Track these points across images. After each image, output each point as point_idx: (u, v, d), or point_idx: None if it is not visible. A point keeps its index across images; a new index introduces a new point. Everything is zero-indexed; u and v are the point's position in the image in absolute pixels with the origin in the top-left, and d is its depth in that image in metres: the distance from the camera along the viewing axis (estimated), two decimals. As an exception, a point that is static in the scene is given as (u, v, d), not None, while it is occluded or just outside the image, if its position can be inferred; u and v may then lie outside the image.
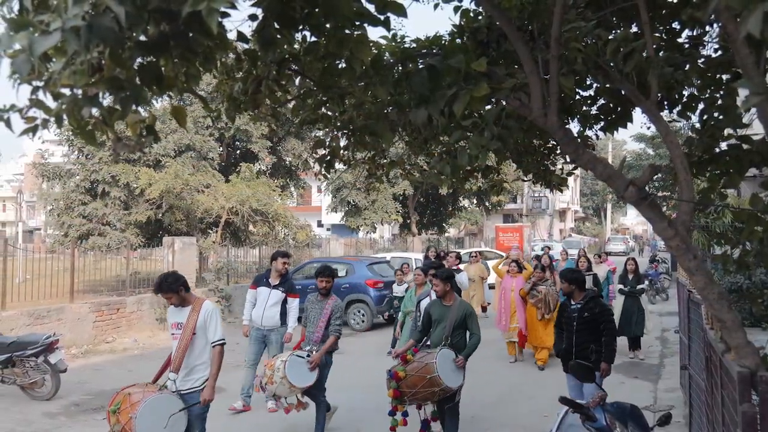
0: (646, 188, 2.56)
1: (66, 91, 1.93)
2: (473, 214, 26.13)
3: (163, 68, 1.87)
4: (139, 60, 1.79)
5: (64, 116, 1.96)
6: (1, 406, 6.84)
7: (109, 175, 15.65)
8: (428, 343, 5.04)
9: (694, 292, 5.60)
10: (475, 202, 24.45)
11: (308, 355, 5.14)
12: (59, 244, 15.08)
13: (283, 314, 6.64)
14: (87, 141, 2.11)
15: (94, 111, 1.85)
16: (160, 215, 15.63)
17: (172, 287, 4.06)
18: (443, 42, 3.26)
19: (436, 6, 3.19)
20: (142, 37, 1.72)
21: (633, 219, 66.36)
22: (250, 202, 14.87)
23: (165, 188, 14.23)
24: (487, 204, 23.63)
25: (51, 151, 18.94)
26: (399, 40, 3.29)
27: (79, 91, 1.81)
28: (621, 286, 9.61)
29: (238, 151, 18.75)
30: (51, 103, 1.99)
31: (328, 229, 34.51)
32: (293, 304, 6.70)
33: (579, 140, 3.16)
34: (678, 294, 7.85)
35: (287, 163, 19.45)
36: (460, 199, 24.00)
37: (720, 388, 3.30)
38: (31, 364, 6.99)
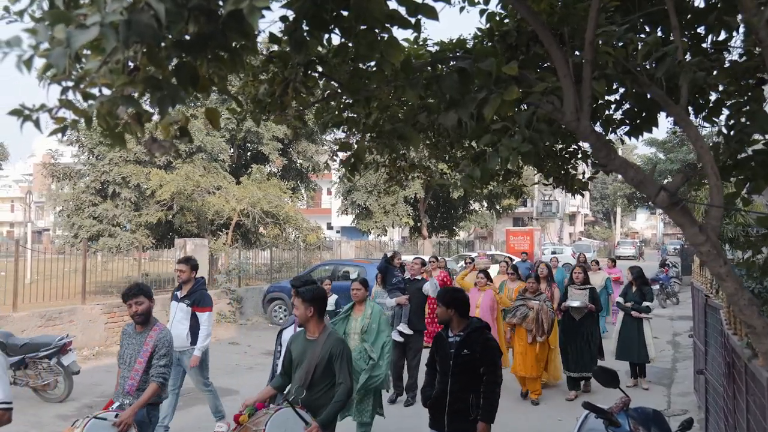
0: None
1: (95, 91, 1.93)
2: (483, 217, 26.11)
3: (198, 70, 1.86)
4: (174, 60, 1.78)
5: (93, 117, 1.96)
6: (14, 407, 6.85)
7: (120, 177, 15.73)
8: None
9: (711, 297, 5.57)
10: (485, 205, 24.43)
11: (117, 416, 3.61)
12: (69, 245, 15.16)
13: (196, 332, 5.67)
14: (115, 143, 2.10)
15: (128, 111, 1.85)
16: (171, 216, 15.69)
17: None
18: (467, 45, 3.25)
19: (461, 9, 3.18)
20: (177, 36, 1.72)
21: (642, 223, 66.05)
22: (261, 204, 14.90)
23: (176, 190, 14.29)
24: (497, 207, 23.60)
25: (60, 152, 19.05)
26: (422, 43, 3.29)
27: (109, 91, 1.82)
28: (620, 300, 7.98)
29: (248, 153, 18.80)
30: (76, 103, 2.00)
31: (337, 232, 34.58)
32: (203, 318, 5.67)
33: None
34: (692, 298, 7.80)
35: (298, 165, 19.49)
36: (471, 202, 23.97)
37: (745, 394, 3.28)
38: (44, 365, 7.00)
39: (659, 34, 3.22)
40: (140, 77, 1.65)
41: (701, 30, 3.41)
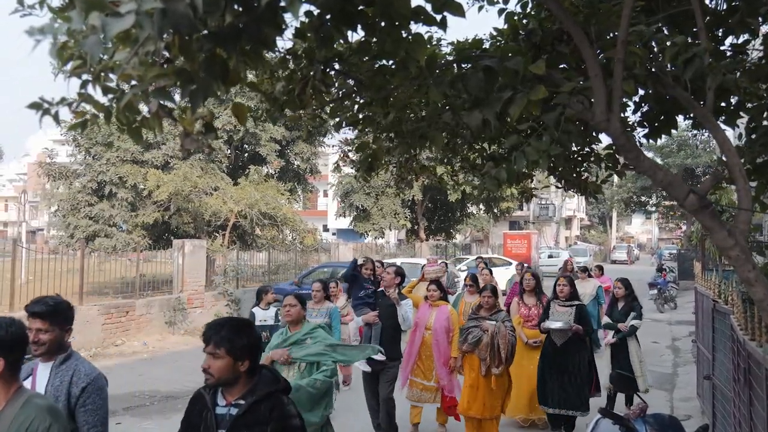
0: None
1: (114, 85, 1.87)
2: (480, 221, 26.15)
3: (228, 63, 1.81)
4: (205, 53, 1.73)
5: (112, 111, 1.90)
6: (12, 408, 6.75)
7: (117, 176, 15.60)
8: None
9: (719, 302, 5.55)
10: (482, 208, 24.44)
11: None
12: (65, 245, 15.00)
13: None
14: (133, 138, 2.04)
15: (156, 104, 1.79)
16: (168, 217, 15.57)
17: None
18: (483, 45, 3.21)
19: (480, 8, 3.14)
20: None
21: (638, 227, 66.50)
22: (258, 206, 14.81)
23: (173, 190, 14.18)
24: (495, 211, 23.62)
25: (56, 151, 18.89)
26: (435, 42, 3.24)
27: (128, 85, 1.76)
28: (607, 319, 6.71)
29: (246, 154, 18.71)
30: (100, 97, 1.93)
31: (333, 234, 34.49)
32: None
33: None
34: (696, 303, 7.78)
35: (295, 166, 19.42)
36: (468, 205, 23.99)
37: (765, 400, 3.25)
38: (42, 366, 6.89)
39: (680, 36, 3.20)
40: (171, 69, 1.59)
41: (719, 32, 3.40)
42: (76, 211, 16.10)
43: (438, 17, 2.33)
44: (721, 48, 3.36)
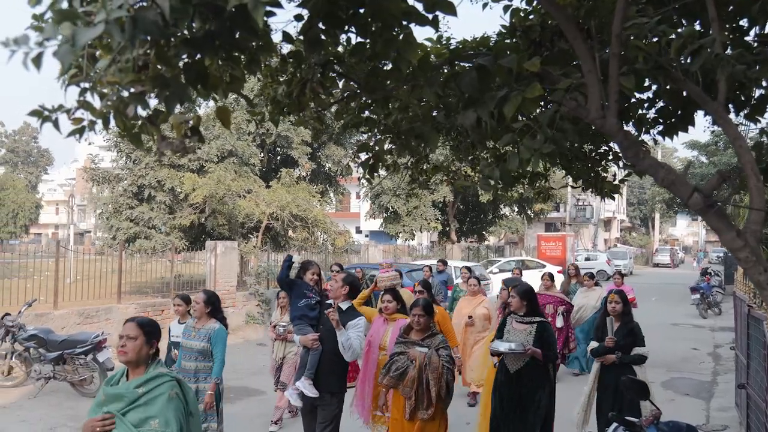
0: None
1: (107, 91, 1.94)
2: (514, 223, 25.71)
3: (208, 68, 1.85)
4: (183, 58, 1.77)
5: (111, 118, 1.97)
6: (53, 401, 7.10)
7: (155, 180, 16.11)
8: None
9: (754, 308, 5.29)
10: (516, 210, 24.02)
11: None
12: (108, 247, 15.61)
13: None
14: (133, 143, 2.11)
15: (140, 111, 1.85)
16: (203, 219, 15.98)
17: None
18: (491, 43, 3.16)
19: (484, 6, 3.10)
20: (185, 33, 1.70)
21: (684, 229, 63.98)
22: (290, 208, 15.03)
23: (208, 193, 14.53)
24: (528, 212, 23.18)
25: (101, 157, 19.66)
26: (444, 42, 3.22)
27: (124, 90, 1.82)
28: (594, 344, 5.09)
29: (278, 157, 19.02)
30: (97, 104, 2.00)
31: (366, 236, 34.67)
32: None
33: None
34: (735, 309, 7.44)
35: (327, 169, 19.62)
36: (501, 206, 23.64)
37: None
38: (80, 361, 7.27)
39: (698, 27, 3.06)
40: (148, 75, 1.64)
41: (744, 23, 3.24)
42: (119, 214, 16.72)
43: (430, 16, 2.32)
44: (746, 39, 3.21)
